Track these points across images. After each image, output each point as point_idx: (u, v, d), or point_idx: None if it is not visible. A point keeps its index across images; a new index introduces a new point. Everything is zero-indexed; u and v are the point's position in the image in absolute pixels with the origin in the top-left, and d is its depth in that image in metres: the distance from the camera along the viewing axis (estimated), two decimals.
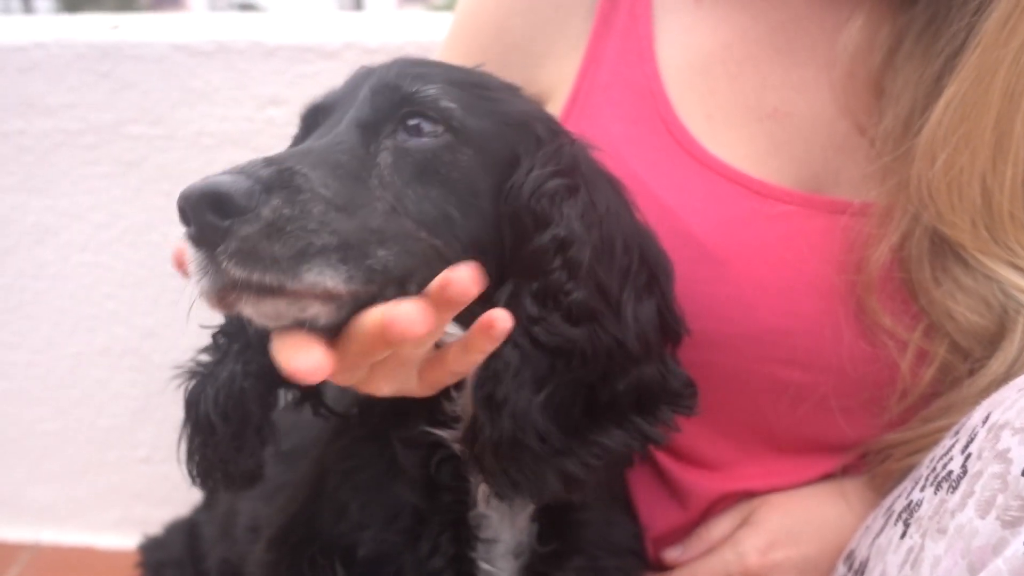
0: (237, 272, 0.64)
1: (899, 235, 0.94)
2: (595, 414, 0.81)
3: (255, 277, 0.64)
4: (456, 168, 0.80)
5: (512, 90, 0.90)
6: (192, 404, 0.86)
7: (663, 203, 0.99)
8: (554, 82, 1.14)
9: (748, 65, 1.05)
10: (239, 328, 0.86)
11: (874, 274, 0.94)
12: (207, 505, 1.43)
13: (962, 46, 0.89)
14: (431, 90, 0.80)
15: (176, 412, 1.84)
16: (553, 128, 0.88)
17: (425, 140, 0.79)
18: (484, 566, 0.89)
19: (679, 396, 0.86)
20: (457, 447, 0.86)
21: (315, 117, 0.86)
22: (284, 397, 0.90)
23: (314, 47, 1.56)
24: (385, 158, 0.77)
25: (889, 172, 0.95)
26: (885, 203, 0.95)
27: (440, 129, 0.79)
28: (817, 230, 0.99)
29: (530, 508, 0.90)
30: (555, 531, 0.91)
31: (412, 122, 0.79)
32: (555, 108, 1.12)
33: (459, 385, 0.85)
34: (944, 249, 0.93)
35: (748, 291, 0.98)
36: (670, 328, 0.88)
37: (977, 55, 0.87)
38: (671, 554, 1.10)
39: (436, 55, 1.23)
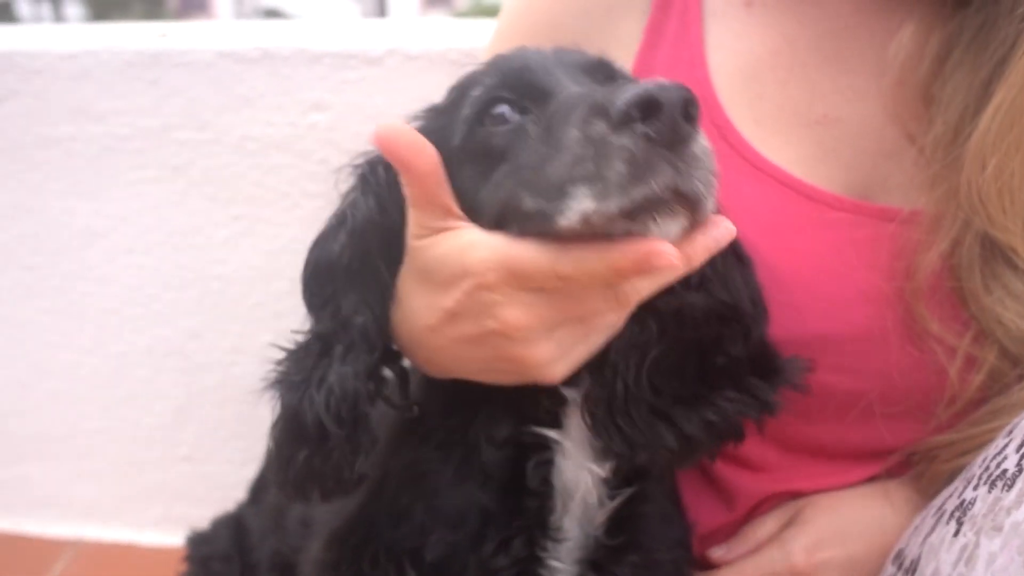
0: (692, 180, 0.63)
1: (949, 242, 0.94)
2: (711, 377, 0.83)
3: (697, 186, 0.64)
4: None
5: None
6: (293, 416, 0.82)
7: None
8: None
9: (797, 71, 1.06)
10: (340, 327, 0.83)
11: (923, 281, 0.95)
12: (253, 500, 1.46)
13: (1010, 52, 0.90)
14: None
15: (218, 413, 1.88)
16: None
17: None
18: (553, 563, 0.90)
19: (794, 362, 0.89)
20: (568, 444, 0.87)
21: (529, 76, 0.80)
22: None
23: (357, 54, 1.58)
24: None
25: (939, 179, 0.95)
26: (934, 210, 0.95)
27: None
28: (866, 237, 0.99)
29: (608, 505, 0.91)
30: (621, 525, 0.93)
31: None
32: None
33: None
34: (995, 254, 0.93)
35: (798, 296, 0.99)
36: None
37: None
38: (716, 552, 1.11)
39: (487, 51, 1.25)
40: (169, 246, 1.74)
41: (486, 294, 0.72)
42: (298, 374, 0.84)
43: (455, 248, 0.75)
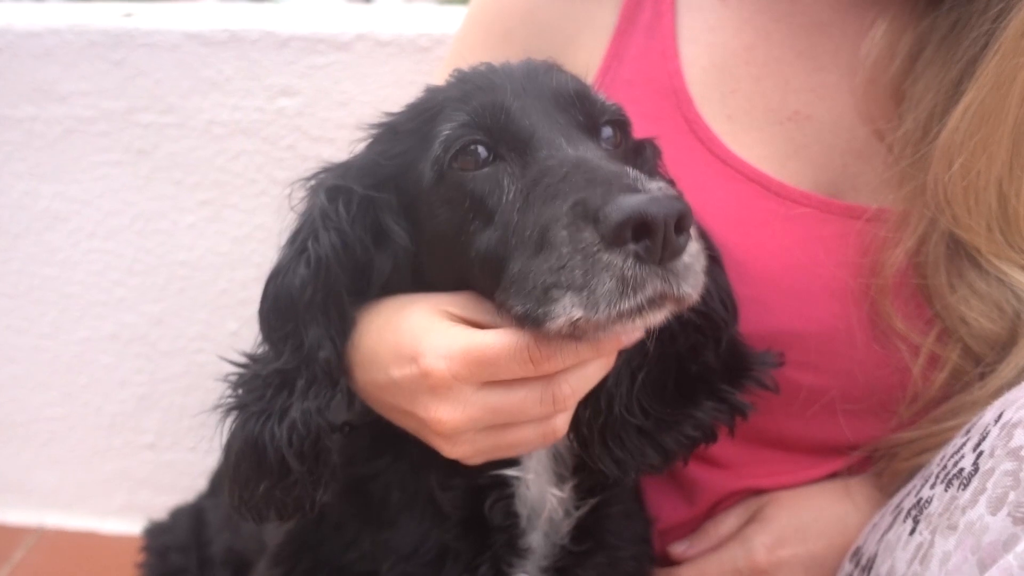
0: (678, 287, 0.66)
1: (915, 239, 0.94)
2: (687, 388, 0.85)
3: (683, 290, 0.66)
4: None
5: None
6: (253, 447, 0.81)
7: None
8: (578, 71, 1.14)
9: (771, 67, 1.05)
10: (302, 362, 0.82)
11: (889, 278, 0.95)
12: (213, 492, 1.44)
13: (981, 52, 0.89)
14: (609, 101, 0.85)
15: (182, 400, 1.85)
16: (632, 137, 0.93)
17: (612, 151, 0.82)
18: (519, 574, 0.90)
19: (762, 359, 0.91)
20: (530, 476, 0.87)
21: (503, 117, 0.79)
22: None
23: (326, 38, 1.55)
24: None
25: (907, 177, 0.95)
26: (902, 208, 0.95)
27: (620, 139, 0.84)
28: (833, 234, 0.99)
29: (575, 515, 0.91)
30: (587, 530, 0.93)
31: (606, 129, 0.83)
32: None
33: None
34: (960, 253, 0.93)
35: (765, 292, 0.98)
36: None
37: (996, 62, 0.87)
38: (677, 548, 1.11)
39: (456, 36, 1.24)
40: (133, 231, 1.71)
41: (425, 382, 0.75)
42: (256, 404, 0.82)
43: (420, 328, 0.77)
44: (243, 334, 1.74)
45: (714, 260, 0.91)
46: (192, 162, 1.65)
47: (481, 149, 0.78)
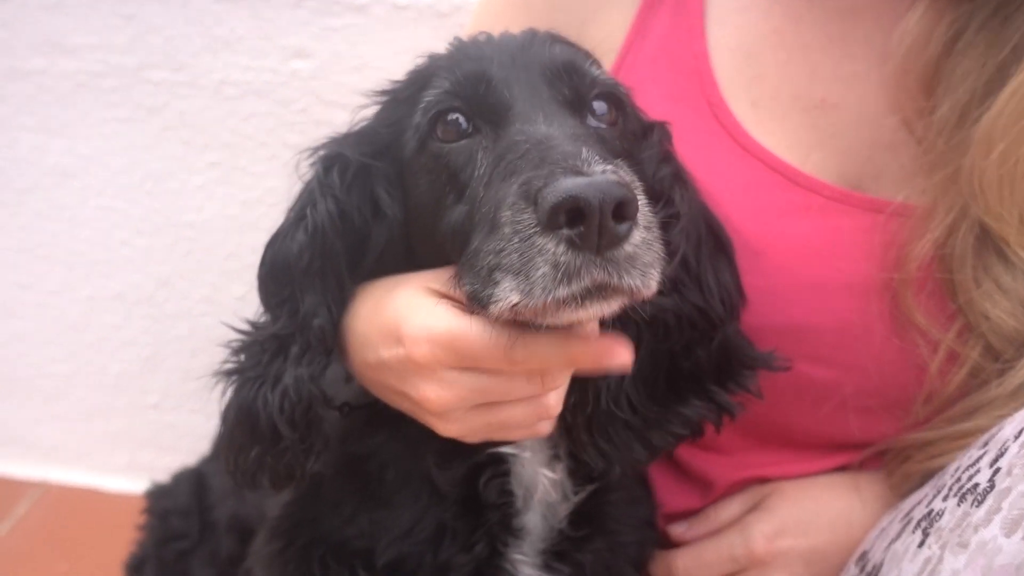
0: (620, 278, 0.63)
1: (943, 230, 0.92)
2: (677, 385, 0.84)
3: (627, 282, 0.63)
4: (625, 154, 0.81)
5: None
6: (247, 412, 0.82)
7: (703, 185, 0.97)
8: (598, 46, 1.10)
9: (799, 52, 1.02)
10: (297, 328, 0.82)
11: (913, 271, 0.93)
12: (215, 457, 1.44)
13: None
14: (604, 74, 0.82)
15: (187, 363, 1.86)
16: (638, 109, 0.90)
17: (606, 127, 0.80)
18: (516, 556, 0.90)
19: (757, 358, 0.90)
20: (526, 455, 0.87)
21: (484, 87, 0.79)
22: None
23: (342, 0, 1.52)
24: (591, 136, 0.77)
25: (938, 165, 0.93)
26: (931, 198, 0.93)
27: (616, 115, 0.82)
28: (855, 227, 0.97)
29: (572, 500, 0.91)
30: (586, 515, 0.93)
31: (597, 104, 0.81)
32: None
33: None
34: (988, 247, 0.91)
35: (781, 284, 0.97)
36: (740, 293, 0.90)
37: None
38: (677, 529, 1.11)
39: (476, 7, 1.22)
40: (141, 190, 1.70)
41: (409, 364, 0.75)
42: (252, 369, 0.83)
43: (407, 310, 0.76)
44: (249, 298, 1.72)
45: (722, 253, 0.90)
46: (202, 122, 1.63)
47: (460, 119, 0.77)
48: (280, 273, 0.83)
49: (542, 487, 0.89)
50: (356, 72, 1.56)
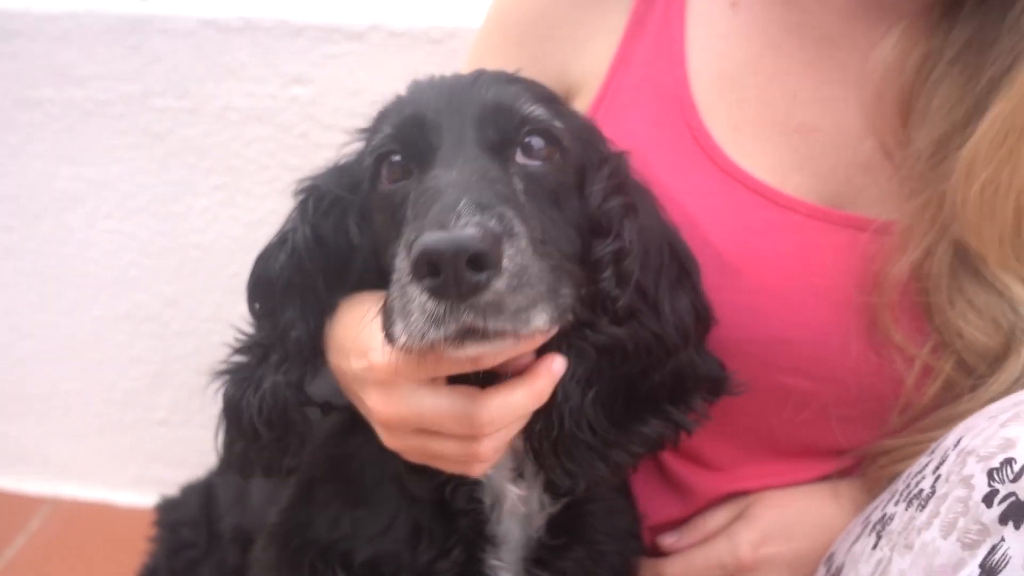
0: (486, 322, 0.69)
1: (920, 252, 0.97)
2: (635, 406, 0.90)
3: (496, 326, 0.70)
4: (564, 187, 0.88)
5: (566, 103, 0.99)
6: (233, 410, 0.92)
7: (682, 208, 1.03)
8: (586, 75, 1.17)
9: (778, 78, 1.08)
10: (277, 339, 0.92)
11: (891, 291, 0.98)
12: (222, 469, 1.51)
13: (1011, 66, 0.92)
14: (540, 111, 0.87)
15: (194, 379, 1.93)
16: (603, 140, 0.97)
17: (541, 164, 0.86)
18: (493, 562, 0.96)
19: (712, 381, 0.96)
20: (489, 472, 0.93)
21: (417, 131, 0.86)
22: None
23: (340, 28, 1.60)
24: (518, 184, 0.83)
25: (916, 190, 0.98)
26: (908, 221, 0.98)
27: (552, 151, 0.87)
28: (832, 244, 1.03)
29: (547, 510, 0.98)
30: (564, 525, 0.99)
31: (534, 140, 0.86)
32: (583, 102, 1.16)
33: None
34: (963, 266, 0.96)
35: (759, 300, 1.03)
36: (700, 317, 0.96)
37: None
38: (667, 539, 1.17)
39: (474, 39, 1.28)
40: (148, 213, 1.78)
41: (371, 374, 0.83)
42: (241, 371, 0.93)
43: (374, 324, 0.82)
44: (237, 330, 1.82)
45: (684, 279, 0.95)
46: (206, 147, 1.71)
47: (397, 159, 0.85)
48: (263, 288, 0.94)
49: (510, 500, 0.95)
50: (354, 97, 1.64)
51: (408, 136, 0.85)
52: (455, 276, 0.67)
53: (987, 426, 0.75)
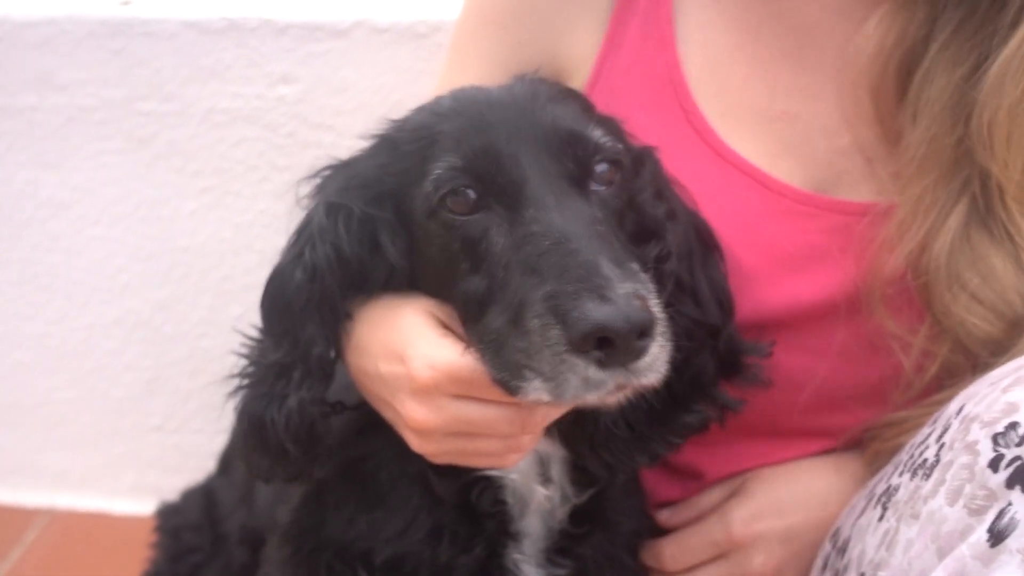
0: (639, 380, 0.73)
1: (918, 240, 0.99)
2: (678, 397, 0.93)
3: (644, 381, 0.74)
4: (623, 206, 0.90)
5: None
6: (258, 427, 0.91)
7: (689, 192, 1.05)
8: (575, 59, 1.18)
9: (759, 67, 1.10)
10: (299, 356, 0.90)
11: (884, 279, 1.01)
12: (222, 472, 1.52)
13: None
14: (606, 137, 0.89)
15: (187, 384, 1.94)
16: (627, 135, 0.98)
17: (606, 188, 0.88)
18: (515, 556, 0.98)
19: (750, 349, 0.98)
20: (513, 476, 0.95)
21: (493, 164, 0.84)
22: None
23: (324, 25, 1.60)
24: (596, 213, 0.84)
25: (911, 181, 0.99)
26: (904, 211, 0.99)
27: (614, 173, 0.89)
28: (821, 228, 1.05)
29: (572, 502, 0.99)
30: (586, 513, 1.00)
31: (599, 167, 0.87)
32: (575, 86, 1.15)
33: None
34: (977, 223, 0.97)
35: (756, 281, 1.05)
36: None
37: None
38: (663, 515, 1.19)
39: (455, 30, 1.28)
40: (136, 218, 1.77)
41: (407, 382, 0.84)
42: (259, 387, 0.92)
43: (415, 333, 0.85)
44: (246, 318, 1.79)
45: (711, 256, 0.98)
46: (193, 150, 1.71)
47: (471, 193, 0.84)
48: (280, 308, 0.92)
49: (536, 500, 0.97)
50: (340, 94, 1.64)
51: (483, 169, 0.83)
52: (626, 349, 0.70)
53: (989, 392, 0.77)
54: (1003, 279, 0.96)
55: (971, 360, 1.00)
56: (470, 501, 0.95)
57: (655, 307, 0.74)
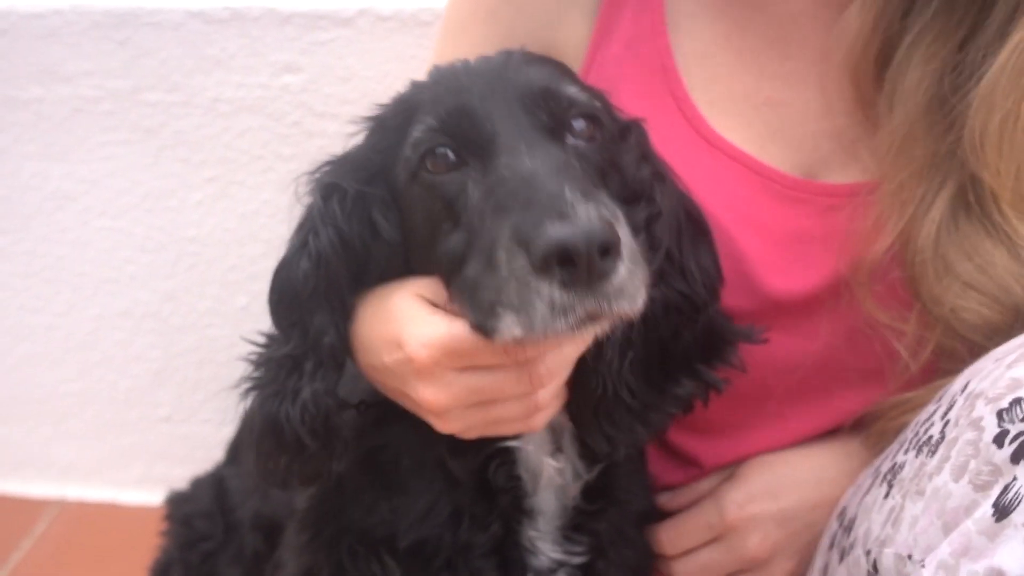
0: (610, 307, 0.72)
1: (899, 233, 1.00)
2: (668, 368, 0.94)
3: (616, 308, 0.73)
4: (606, 163, 0.91)
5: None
6: (273, 425, 0.91)
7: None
8: (568, 47, 1.19)
9: (746, 55, 1.12)
10: (309, 347, 0.91)
11: (871, 273, 1.02)
12: (231, 460, 1.53)
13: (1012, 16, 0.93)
14: (580, 92, 0.90)
15: (195, 374, 1.95)
16: (614, 108, 0.99)
17: (586, 143, 0.88)
18: (531, 533, 0.99)
19: (739, 333, 0.99)
20: (529, 448, 0.96)
21: (467, 121, 0.86)
22: None
23: (328, 14, 1.62)
24: (572, 161, 0.85)
25: (894, 169, 1.00)
26: (886, 199, 1.00)
27: (593, 131, 0.89)
28: (810, 212, 1.07)
29: (583, 478, 1.00)
30: (598, 490, 1.02)
31: (576, 122, 0.88)
32: None
33: None
34: (970, 216, 0.98)
35: (750, 267, 1.06)
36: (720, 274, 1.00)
37: None
38: (661, 499, 1.21)
39: (444, 19, 1.29)
40: (142, 209, 1.79)
41: (410, 368, 0.85)
42: (271, 384, 0.92)
43: (407, 317, 0.86)
44: (253, 308, 1.83)
45: (702, 238, 0.98)
46: (198, 140, 1.72)
47: (448, 152, 0.85)
48: (288, 299, 0.92)
49: (547, 474, 0.98)
50: (344, 83, 1.65)
51: (457, 127, 0.85)
52: (588, 267, 0.70)
53: (994, 368, 0.78)
54: (999, 266, 0.97)
55: (966, 345, 1.00)
56: (487, 479, 0.96)
57: (623, 231, 0.73)
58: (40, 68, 1.70)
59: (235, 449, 1.53)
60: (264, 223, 1.77)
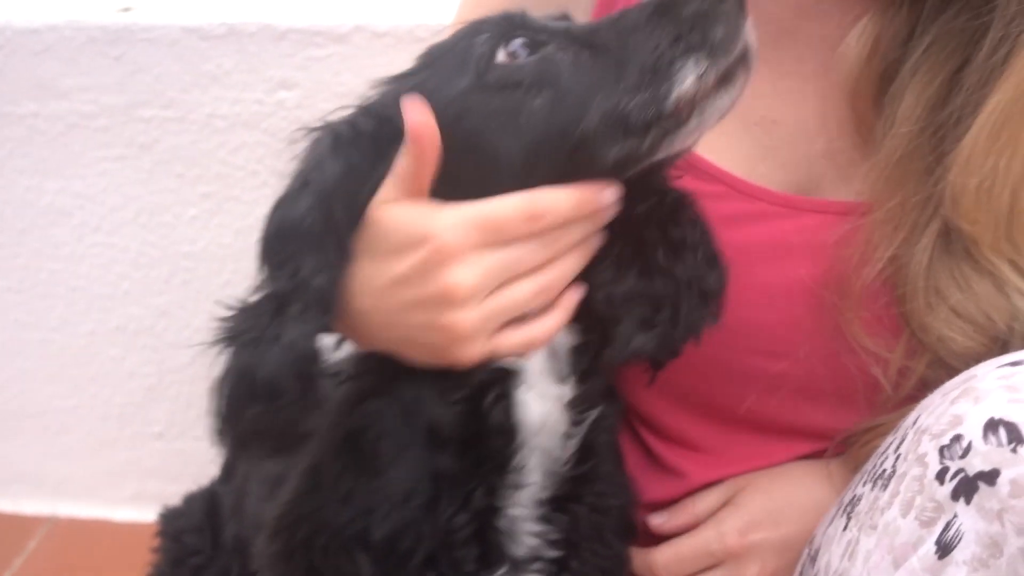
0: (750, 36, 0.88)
1: (892, 252, 1.05)
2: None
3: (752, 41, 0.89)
4: None
5: None
6: (246, 371, 0.90)
7: None
8: None
9: None
10: (297, 287, 0.90)
11: (859, 299, 1.07)
12: (226, 478, 1.60)
13: (1008, 54, 0.98)
14: None
15: (189, 390, 2.04)
16: None
17: None
18: (513, 511, 1.01)
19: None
20: (531, 369, 0.98)
21: (523, 18, 0.93)
22: None
23: (324, 30, 1.71)
24: None
25: (888, 190, 1.06)
26: (877, 223, 1.06)
27: None
28: (799, 228, 1.13)
29: (576, 434, 1.02)
30: (589, 450, 1.04)
31: None
32: None
33: None
34: (953, 252, 1.04)
35: (732, 287, 1.12)
36: None
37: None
38: (656, 519, 1.25)
39: (456, 12, 1.38)
40: (137, 225, 1.89)
41: (438, 256, 0.87)
42: (250, 332, 0.91)
43: (421, 213, 0.89)
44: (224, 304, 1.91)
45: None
46: (194, 155, 1.82)
47: (520, 44, 0.91)
48: (285, 234, 0.92)
49: (551, 417, 0.99)
50: (340, 99, 1.72)
51: (527, 21, 0.93)
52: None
53: (940, 403, 0.84)
54: (983, 297, 1.02)
55: (952, 375, 1.06)
56: (475, 429, 0.96)
57: None
58: (35, 83, 1.80)
59: (229, 466, 1.59)
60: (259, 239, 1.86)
